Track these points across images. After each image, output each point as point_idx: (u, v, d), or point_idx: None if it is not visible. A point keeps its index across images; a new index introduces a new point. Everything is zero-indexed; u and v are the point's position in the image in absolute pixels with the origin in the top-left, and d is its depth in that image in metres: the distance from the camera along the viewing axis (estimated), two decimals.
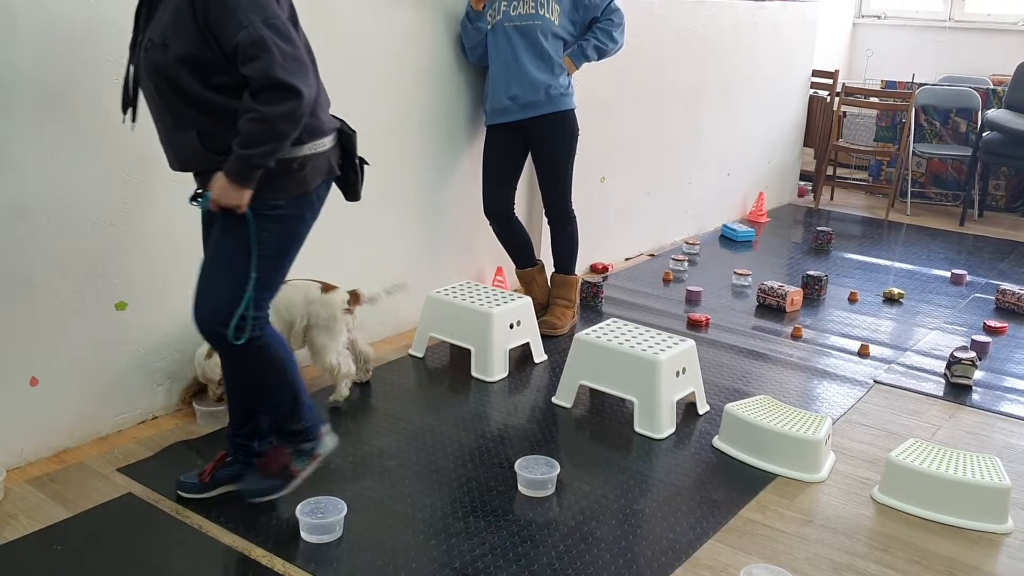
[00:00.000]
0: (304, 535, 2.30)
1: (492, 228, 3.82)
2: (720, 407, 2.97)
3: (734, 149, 5.60)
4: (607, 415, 3.07)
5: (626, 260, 4.87)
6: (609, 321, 3.21)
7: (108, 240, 2.65)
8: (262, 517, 2.39)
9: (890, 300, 4.35)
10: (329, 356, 2.98)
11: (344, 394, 3.05)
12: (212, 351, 2.76)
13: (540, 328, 3.56)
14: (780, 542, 2.39)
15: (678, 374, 2.98)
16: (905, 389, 3.36)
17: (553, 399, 3.15)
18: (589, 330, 3.11)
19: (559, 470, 2.58)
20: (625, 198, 4.76)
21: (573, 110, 3.66)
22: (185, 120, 2.09)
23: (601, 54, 3.66)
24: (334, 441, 2.53)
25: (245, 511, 2.42)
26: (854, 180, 6.70)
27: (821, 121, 6.28)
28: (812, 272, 4.38)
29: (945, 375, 3.46)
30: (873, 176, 6.74)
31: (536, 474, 2.55)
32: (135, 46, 2.14)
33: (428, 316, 3.47)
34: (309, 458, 2.46)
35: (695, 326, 3.90)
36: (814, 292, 4.33)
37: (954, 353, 3.43)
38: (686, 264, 4.70)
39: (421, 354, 3.50)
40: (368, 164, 2.42)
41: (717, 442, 2.88)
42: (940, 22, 7.42)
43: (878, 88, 6.61)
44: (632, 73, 4.54)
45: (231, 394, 2.44)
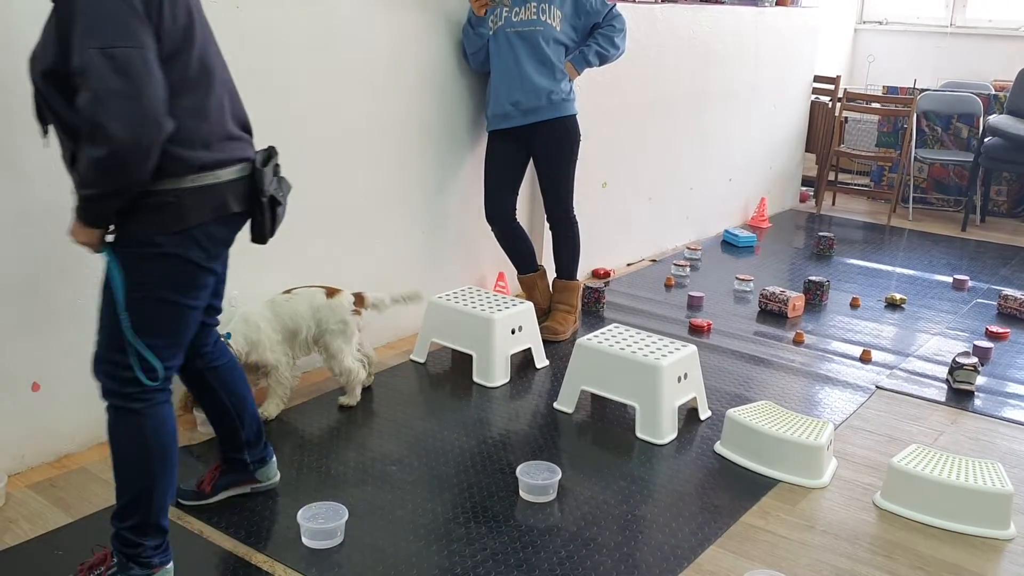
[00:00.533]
0: (305, 540, 2.30)
1: (494, 233, 3.83)
2: (722, 412, 2.97)
3: (736, 154, 5.60)
4: (609, 420, 3.06)
5: (628, 265, 4.87)
6: (611, 326, 3.21)
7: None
8: (263, 523, 2.39)
9: (892, 305, 4.35)
10: (346, 360, 3.00)
11: (357, 398, 3.07)
12: None
13: (542, 333, 3.56)
14: (782, 548, 2.39)
15: (680, 379, 2.97)
16: (907, 395, 3.36)
17: (555, 404, 3.15)
18: (591, 335, 3.11)
19: (560, 476, 2.58)
20: (627, 203, 4.76)
21: (575, 116, 3.67)
22: (62, 142, 1.91)
23: (603, 60, 3.66)
24: None
25: (246, 516, 2.42)
26: (856, 185, 6.70)
27: (823, 126, 6.28)
28: (814, 277, 4.38)
29: (947, 380, 3.45)
30: (875, 181, 6.74)
31: (538, 480, 2.55)
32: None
33: (430, 321, 3.47)
34: None
35: (697, 331, 3.90)
36: (816, 297, 4.33)
37: (956, 358, 3.42)
38: (688, 269, 4.70)
39: (423, 359, 3.50)
40: (281, 204, 2.09)
41: (719, 448, 2.88)
42: (942, 28, 7.43)
43: (880, 94, 6.62)
44: (634, 79, 4.55)
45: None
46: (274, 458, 2.54)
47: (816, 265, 5.00)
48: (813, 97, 6.33)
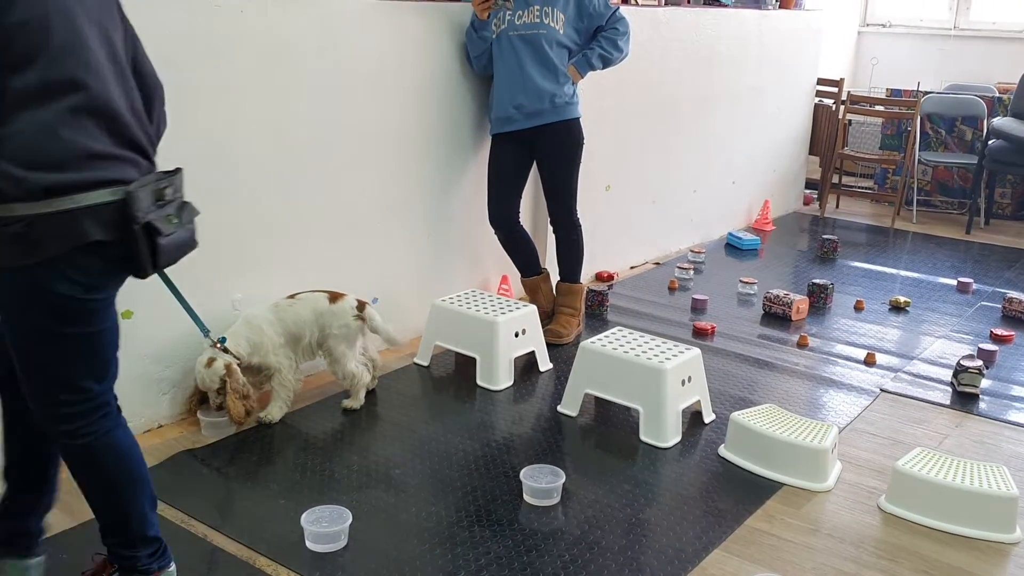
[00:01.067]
0: (309, 544, 2.30)
1: (497, 237, 3.83)
2: (726, 416, 2.96)
3: (739, 157, 5.60)
4: (612, 424, 3.06)
5: (631, 268, 4.87)
6: (614, 330, 3.21)
7: None
8: (267, 526, 2.39)
9: (896, 308, 4.34)
10: (349, 364, 3.01)
11: (361, 401, 3.08)
12: (212, 359, 2.77)
13: (545, 337, 3.55)
14: (787, 551, 2.38)
15: (684, 383, 2.97)
16: (912, 398, 3.35)
17: (558, 408, 3.15)
18: (594, 338, 3.11)
19: (564, 479, 2.58)
20: (630, 206, 4.76)
21: (578, 119, 3.67)
22: None
23: (606, 63, 3.66)
24: None
25: (250, 520, 2.42)
26: (859, 188, 6.69)
27: (826, 129, 6.27)
28: (818, 280, 4.37)
29: (952, 384, 3.44)
30: (879, 184, 6.73)
31: (541, 483, 2.54)
32: None
33: (433, 324, 3.47)
34: None
35: (701, 334, 3.90)
36: (820, 300, 4.32)
37: (961, 362, 3.42)
38: (691, 272, 4.69)
39: (426, 363, 3.50)
40: (162, 233, 1.80)
41: (723, 451, 2.87)
42: (945, 30, 7.43)
43: (883, 96, 6.61)
44: (637, 82, 4.55)
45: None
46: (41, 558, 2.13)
47: (820, 268, 4.99)
48: (817, 100, 6.33)
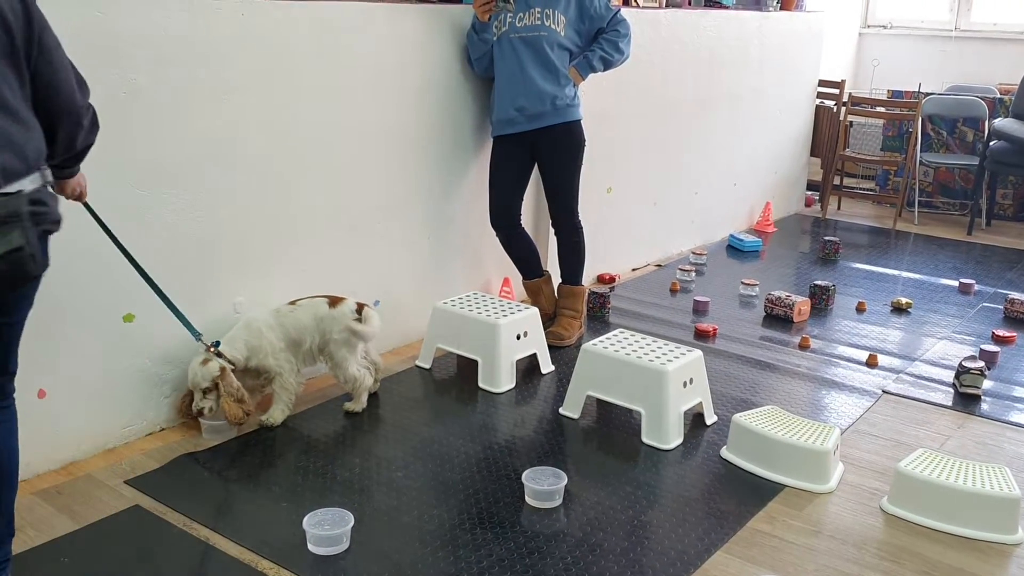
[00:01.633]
0: (311, 547, 2.30)
1: (499, 239, 3.83)
2: (728, 417, 2.96)
3: (741, 159, 5.60)
4: (614, 426, 3.06)
5: (633, 270, 4.86)
6: (616, 332, 3.21)
7: (115, 252, 2.65)
8: (269, 529, 2.39)
9: (898, 310, 4.33)
10: (350, 368, 3.01)
11: (363, 404, 3.08)
12: (208, 360, 2.77)
13: (547, 339, 3.55)
14: (789, 553, 2.38)
15: (685, 384, 2.97)
16: (914, 399, 3.35)
17: (560, 410, 3.15)
18: (596, 341, 3.11)
19: (566, 481, 2.57)
20: (632, 209, 4.76)
21: (579, 121, 3.67)
22: None
23: (607, 65, 3.67)
24: None
25: (252, 523, 2.42)
26: (861, 190, 6.69)
27: (828, 131, 6.27)
28: (819, 282, 4.37)
29: (954, 385, 3.44)
30: (880, 186, 6.73)
31: (543, 485, 2.54)
32: None
33: (435, 327, 3.47)
34: None
35: (702, 336, 3.89)
36: (822, 302, 4.32)
37: (963, 363, 3.41)
38: (693, 274, 4.69)
39: (428, 365, 3.50)
40: (23, 249, 1.81)
41: (725, 453, 2.87)
42: (946, 31, 7.43)
43: (884, 98, 6.61)
44: (638, 84, 4.55)
45: None
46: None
47: (822, 269, 4.99)
48: (818, 101, 6.33)
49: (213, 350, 2.79)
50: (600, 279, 4.60)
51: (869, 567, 2.33)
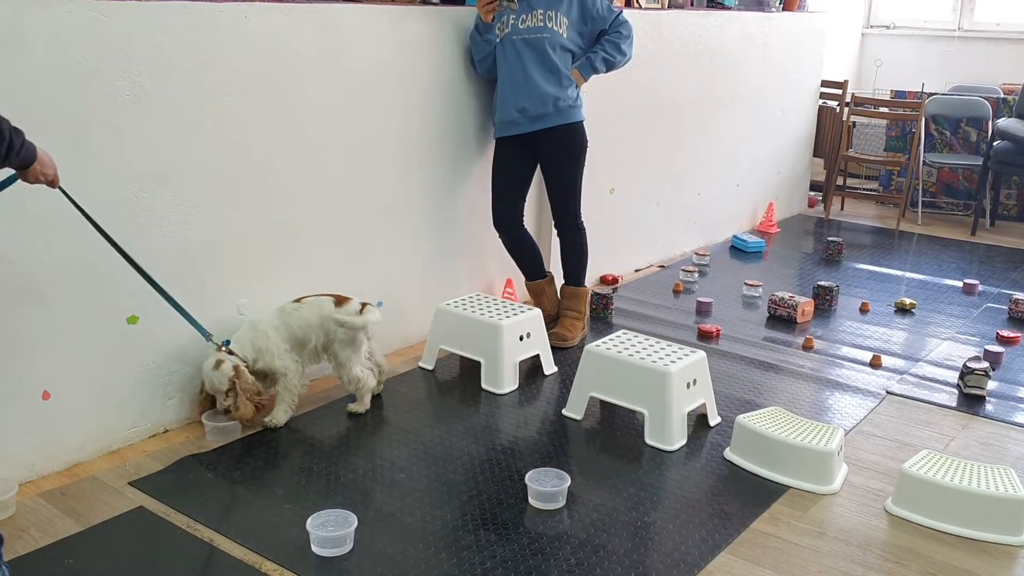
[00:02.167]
0: (315, 548, 2.30)
1: (501, 240, 3.83)
2: (731, 419, 2.96)
3: (744, 160, 5.59)
4: (618, 427, 3.06)
5: (636, 271, 4.86)
6: (619, 333, 3.21)
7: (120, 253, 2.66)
8: (273, 531, 2.39)
9: (902, 310, 4.33)
10: (354, 368, 3.01)
11: (367, 405, 3.08)
12: (220, 362, 2.78)
13: (550, 340, 3.55)
14: (792, 554, 2.37)
15: (689, 386, 2.97)
16: (918, 400, 3.34)
17: (563, 411, 3.15)
18: (599, 342, 3.11)
19: (569, 482, 2.57)
20: (635, 209, 4.76)
21: (582, 122, 3.67)
22: None
23: (609, 66, 3.67)
24: None
25: (256, 524, 2.42)
26: (864, 190, 6.68)
27: (831, 131, 6.27)
28: (823, 283, 4.37)
29: (958, 386, 3.43)
30: (883, 186, 6.72)
31: (547, 486, 2.54)
32: None
33: (438, 328, 3.47)
34: None
35: (706, 337, 3.89)
36: (825, 303, 4.31)
37: (967, 363, 3.41)
38: (696, 275, 4.69)
39: (431, 366, 3.50)
40: None
41: (728, 454, 2.87)
42: (949, 31, 7.42)
43: (887, 98, 6.60)
44: (641, 85, 4.55)
45: None
46: None
47: (825, 270, 4.98)
48: (821, 102, 6.32)
49: (224, 349, 2.80)
50: (603, 280, 4.60)
51: (873, 568, 2.32)
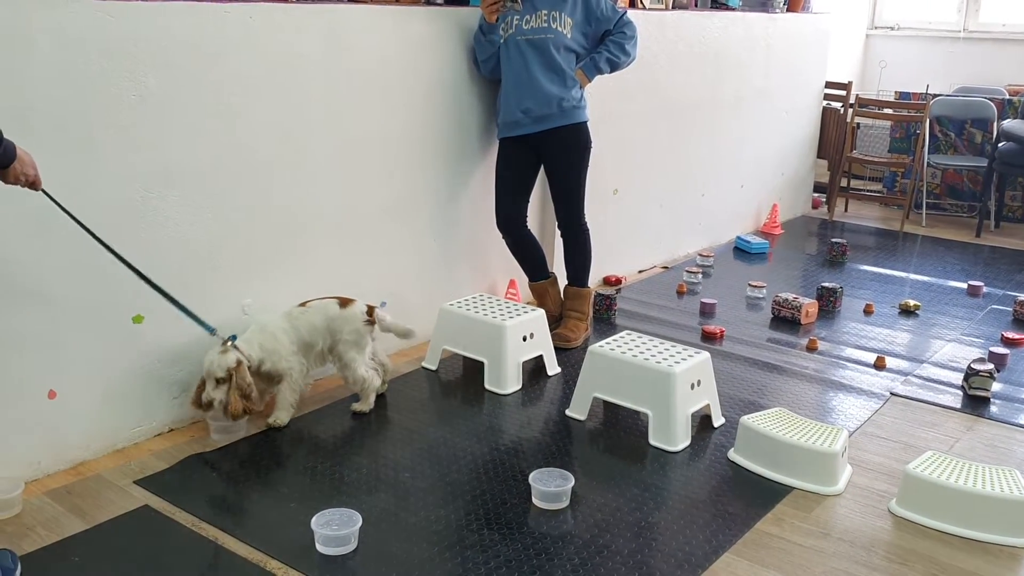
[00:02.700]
0: (319, 547, 2.31)
1: (505, 241, 3.83)
2: (735, 419, 2.96)
3: (748, 161, 5.59)
4: (621, 427, 3.06)
5: (639, 272, 4.86)
6: (623, 333, 3.21)
7: (125, 254, 2.67)
8: (278, 530, 2.40)
9: (906, 312, 4.32)
10: (359, 369, 3.02)
11: (371, 405, 3.08)
12: (226, 351, 2.77)
13: (553, 340, 3.55)
14: (796, 555, 2.37)
15: (693, 386, 2.97)
16: (922, 401, 3.34)
17: (567, 411, 3.15)
18: (603, 342, 3.11)
19: (573, 483, 2.57)
20: (638, 210, 4.76)
21: (586, 123, 3.67)
22: None
23: (613, 67, 3.67)
24: None
25: (261, 523, 2.42)
26: (868, 192, 6.67)
27: (835, 133, 6.26)
28: (827, 284, 4.36)
29: (963, 387, 3.43)
30: (887, 188, 6.71)
31: (550, 486, 2.54)
32: None
33: (441, 329, 3.48)
34: None
35: (710, 338, 3.89)
36: (829, 304, 4.31)
37: (971, 365, 3.40)
38: (700, 276, 4.68)
39: (435, 367, 3.50)
40: None
41: (732, 455, 2.87)
42: (954, 32, 7.40)
43: (892, 99, 6.59)
44: (645, 85, 4.55)
45: None
46: None
47: (829, 271, 4.98)
48: (825, 103, 6.32)
49: (231, 344, 2.79)
50: (606, 281, 4.60)
51: (877, 569, 2.32)
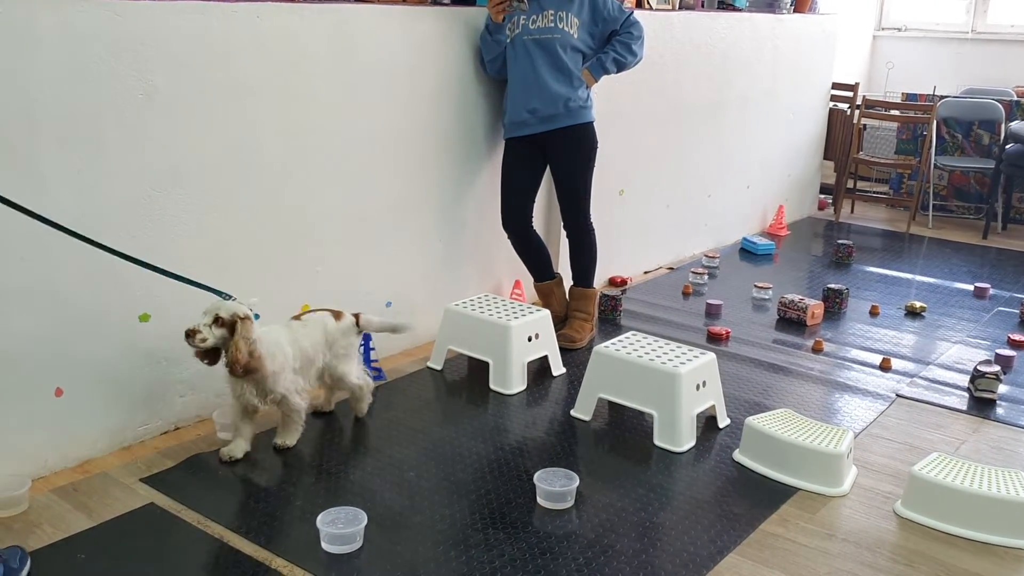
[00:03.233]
0: (324, 545, 2.31)
1: (510, 241, 3.83)
2: (740, 420, 2.96)
3: (754, 162, 5.58)
4: (626, 428, 3.06)
5: (645, 273, 4.86)
6: (628, 334, 3.21)
7: (132, 252, 2.67)
8: (283, 527, 2.40)
9: (912, 313, 4.31)
10: (352, 380, 2.98)
11: (363, 412, 3.07)
12: (240, 303, 2.63)
13: (558, 341, 3.56)
14: (801, 556, 2.37)
15: (698, 387, 2.96)
16: (928, 403, 3.33)
17: (572, 412, 3.15)
18: (608, 343, 3.11)
19: (578, 483, 2.58)
20: (644, 211, 4.76)
21: (592, 123, 3.67)
22: None
23: (620, 67, 3.67)
24: None
25: (266, 521, 2.43)
26: (875, 193, 6.66)
27: (841, 134, 6.25)
28: (833, 285, 4.36)
29: (969, 389, 3.42)
30: (894, 189, 6.70)
31: (555, 486, 2.54)
32: None
33: (446, 329, 3.48)
34: None
35: (715, 339, 3.89)
36: (835, 305, 4.30)
37: (978, 367, 3.39)
38: (706, 277, 4.68)
39: (439, 366, 3.51)
40: None
41: (737, 455, 2.87)
42: (962, 34, 7.38)
43: (899, 101, 6.58)
44: (651, 86, 4.55)
45: None
46: None
47: (835, 273, 4.97)
48: (831, 104, 6.31)
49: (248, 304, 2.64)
50: (612, 282, 4.60)
51: (882, 571, 2.32)
